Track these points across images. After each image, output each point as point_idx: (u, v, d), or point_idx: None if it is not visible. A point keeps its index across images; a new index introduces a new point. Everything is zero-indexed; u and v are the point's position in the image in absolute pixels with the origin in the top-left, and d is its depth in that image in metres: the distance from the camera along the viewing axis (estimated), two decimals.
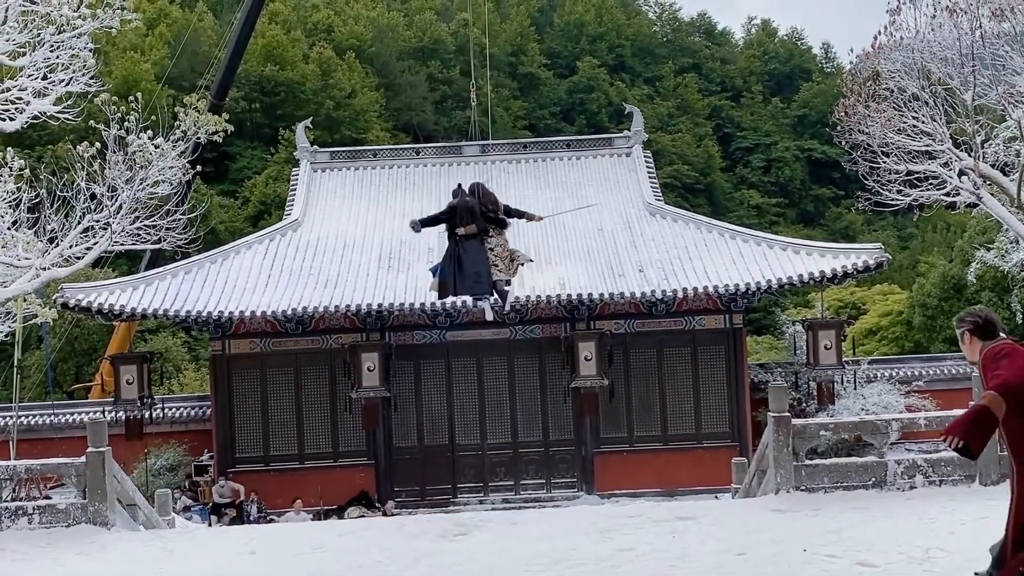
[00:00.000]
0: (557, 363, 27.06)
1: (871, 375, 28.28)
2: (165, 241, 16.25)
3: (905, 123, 15.63)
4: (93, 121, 14.78)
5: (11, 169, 14.81)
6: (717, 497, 19.05)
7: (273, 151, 56.79)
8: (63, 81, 13.04)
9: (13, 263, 14.47)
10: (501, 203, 12.88)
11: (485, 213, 12.48)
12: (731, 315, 27.45)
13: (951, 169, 15.58)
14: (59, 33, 12.71)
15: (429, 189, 31.38)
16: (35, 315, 20.91)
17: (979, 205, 16.11)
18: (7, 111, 13.01)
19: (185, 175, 17.14)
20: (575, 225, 28.54)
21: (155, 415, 27.30)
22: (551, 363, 27.26)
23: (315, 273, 27.30)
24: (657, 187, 31.83)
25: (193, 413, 28.80)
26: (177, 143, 15.54)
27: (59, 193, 15.26)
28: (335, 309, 25.88)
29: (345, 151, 35.09)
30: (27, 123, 13.34)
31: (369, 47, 67.48)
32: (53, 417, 28.19)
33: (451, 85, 68.59)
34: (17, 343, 23.33)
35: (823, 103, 63.71)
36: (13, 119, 13.01)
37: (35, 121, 13.54)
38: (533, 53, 73.71)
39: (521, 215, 13.22)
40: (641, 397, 27.44)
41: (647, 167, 31.85)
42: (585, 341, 25.93)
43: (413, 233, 14.09)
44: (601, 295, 25.99)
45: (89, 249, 14.99)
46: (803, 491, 11.65)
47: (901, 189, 16.37)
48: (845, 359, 27.36)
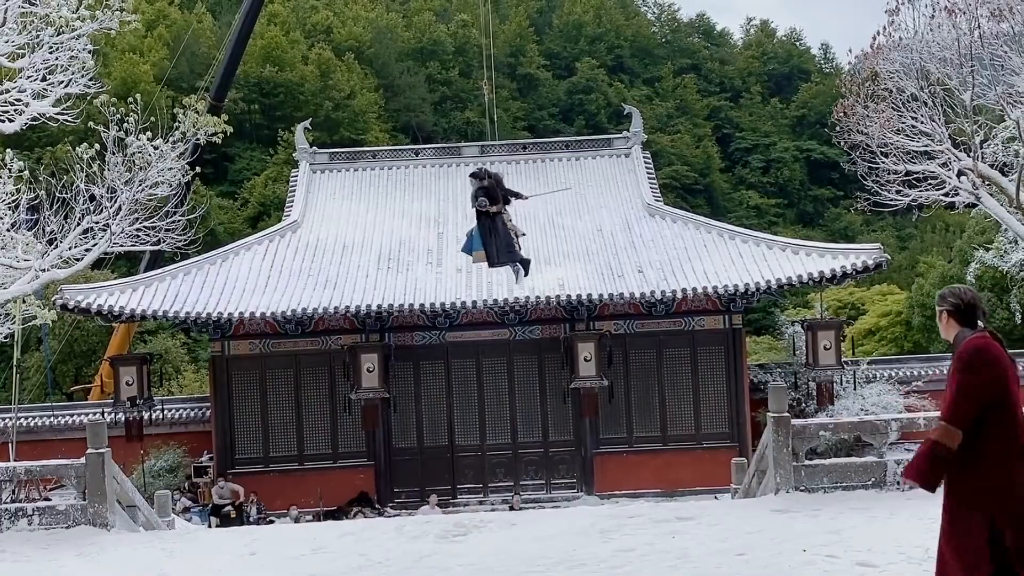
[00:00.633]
0: (557, 364, 27.06)
1: (870, 375, 28.24)
2: (164, 242, 16.29)
3: (904, 123, 15.63)
4: (92, 123, 14.80)
5: (10, 171, 14.82)
6: (717, 497, 19.06)
7: (272, 152, 56.75)
8: (62, 83, 13.02)
9: (12, 265, 14.47)
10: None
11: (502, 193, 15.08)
12: (730, 315, 27.47)
13: (950, 169, 15.57)
14: (58, 35, 12.69)
15: (428, 190, 31.42)
16: (35, 316, 20.98)
17: (978, 205, 16.10)
18: (6, 113, 13.00)
19: (184, 176, 17.17)
20: (574, 226, 28.58)
21: (155, 416, 27.26)
22: (551, 364, 27.26)
23: (314, 274, 27.30)
24: (656, 188, 31.83)
25: (192, 414, 28.79)
26: (176, 144, 15.55)
27: (58, 195, 15.26)
28: (334, 310, 25.86)
29: (344, 152, 35.08)
30: (26, 125, 13.33)
31: (368, 48, 67.49)
32: (52, 419, 28.18)
33: (450, 86, 68.68)
34: (17, 344, 23.34)
35: (822, 104, 63.78)
36: (12, 121, 13.00)
37: (34, 123, 13.51)
38: (532, 54, 73.72)
39: (516, 195, 16.14)
40: (641, 398, 27.45)
41: (646, 168, 31.86)
42: (584, 342, 25.94)
43: (479, 209, 15.52)
44: (600, 296, 25.98)
45: (88, 250, 15.00)
46: (803, 491, 11.66)
47: (900, 189, 16.36)
48: (844, 359, 27.29)
